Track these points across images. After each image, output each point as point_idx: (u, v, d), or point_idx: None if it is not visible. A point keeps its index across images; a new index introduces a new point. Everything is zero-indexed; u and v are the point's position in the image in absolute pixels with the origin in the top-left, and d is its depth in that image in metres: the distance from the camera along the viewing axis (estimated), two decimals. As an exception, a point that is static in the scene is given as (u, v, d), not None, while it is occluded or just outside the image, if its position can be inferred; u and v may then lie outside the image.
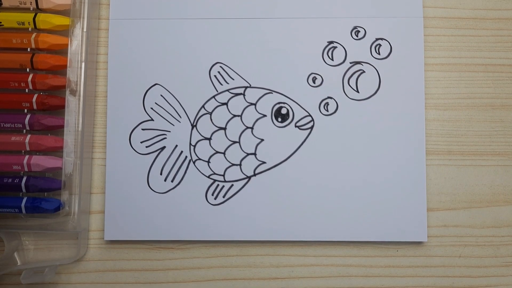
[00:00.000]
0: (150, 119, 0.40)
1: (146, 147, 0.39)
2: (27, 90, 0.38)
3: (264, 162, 0.39)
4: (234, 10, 0.40)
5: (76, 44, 0.38)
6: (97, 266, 0.38)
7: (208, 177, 0.39)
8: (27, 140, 0.37)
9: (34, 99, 0.37)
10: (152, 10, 0.40)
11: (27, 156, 0.38)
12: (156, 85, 0.40)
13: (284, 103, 0.40)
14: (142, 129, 0.40)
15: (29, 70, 0.38)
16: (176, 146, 0.40)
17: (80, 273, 0.40)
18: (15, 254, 0.39)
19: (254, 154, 0.39)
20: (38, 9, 0.38)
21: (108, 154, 0.39)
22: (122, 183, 0.39)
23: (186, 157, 0.39)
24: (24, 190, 0.37)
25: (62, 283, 0.39)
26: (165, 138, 0.40)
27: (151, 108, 0.40)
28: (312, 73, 0.40)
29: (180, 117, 0.40)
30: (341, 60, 0.40)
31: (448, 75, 0.40)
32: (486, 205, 0.40)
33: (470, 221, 0.39)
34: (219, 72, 0.40)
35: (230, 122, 0.40)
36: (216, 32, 0.40)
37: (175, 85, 0.40)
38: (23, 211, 0.37)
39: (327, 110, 0.40)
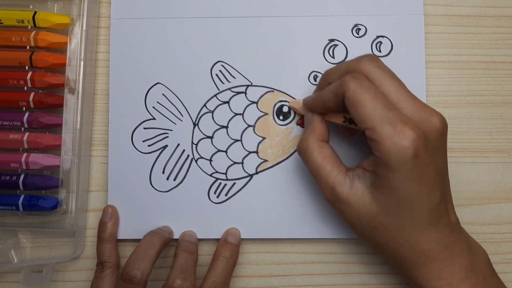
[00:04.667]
0: (152, 118, 0.37)
1: (148, 146, 0.37)
2: (25, 88, 0.36)
3: (266, 160, 0.36)
4: (235, 8, 0.37)
5: (75, 43, 0.36)
6: (95, 264, 0.35)
7: (210, 175, 0.36)
8: (25, 138, 0.35)
9: (31, 98, 0.35)
10: (154, 9, 0.37)
11: (25, 154, 0.35)
12: (158, 84, 0.37)
13: (285, 101, 0.37)
14: (144, 128, 0.37)
15: (28, 68, 0.36)
16: (178, 144, 0.37)
17: (78, 271, 0.37)
18: (12, 252, 0.37)
19: (256, 152, 0.36)
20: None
21: (110, 153, 0.36)
22: (124, 182, 0.36)
23: (188, 155, 0.36)
24: (21, 188, 0.35)
25: (59, 280, 0.37)
26: (167, 137, 0.37)
27: (153, 107, 0.37)
28: (313, 71, 0.37)
29: (182, 115, 0.37)
30: (342, 58, 0.37)
31: (448, 73, 0.37)
32: (487, 202, 0.37)
33: (470, 218, 0.37)
34: (220, 70, 0.37)
35: (232, 120, 0.37)
36: (217, 31, 0.37)
37: (176, 84, 0.37)
38: (21, 208, 0.35)
39: (329, 108, 0.36)
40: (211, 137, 0.36)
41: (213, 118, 0.36)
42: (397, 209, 0.28)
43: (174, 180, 0.36)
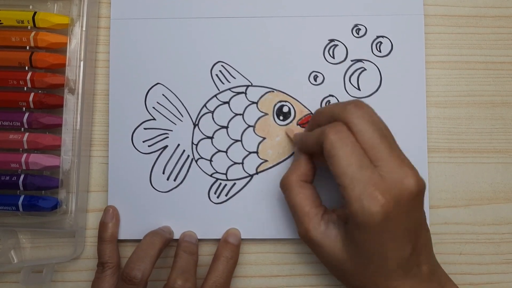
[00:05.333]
0: (152, 118, 0.36)
1: (148, 146, 0.36)
2: (25, 88, 0.35)
3: (266, 161, 0.36)
4: (235, 9, 0.37)
5: (75, 43, 0.35)
6: (95, 264, 0.35)
7: (211, 175, 0.36)
8: (25, 138, 0.35)
9: (31, 98, 0.35)
10: (154, 10, 0.37)
11: (25, 154, 0.35)
12: (158, 85, 0.36)
13: (285, 101, 0.36)
14: (144, 129, 0.36)
15: (28, 68, 0.35)
16: (178, 145, 0.36)
17: (78, 271, 0.37)
18: (12, 252, 0.36)
19: (256, 152, 0.36)
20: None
21: (110, 153, 0.36)
22: (124, 182, 0.36)
23: (188, 156, 0.36)
24: (21, 188, 0.35)
25: (59, 281, 0.37)
26: (167, 137, 0.36)
27: (153, 108, 0.36)
28: (313, 71, 0.36)
29: (182, 116, 0.36)
30: (342, 58, 0.36)
31: (448, 73, 0.37)
32: (487, 203, 0.36)
33: (470, 219, 0.36)
34: (220, 71, 0.36)
35: (232, 120, 0.36)
36: (217, 31, 0.37)
37: (177, 84, 0.36)
38: (20, 209, 0.34)
39: (329, 108, 0.35)
40: (211, 137, 0.36)
41: (213, 118, 0.36)
42: (366, 260, 0.28)
43: (174, 180, 0.36)
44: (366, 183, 0.27)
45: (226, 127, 0.36)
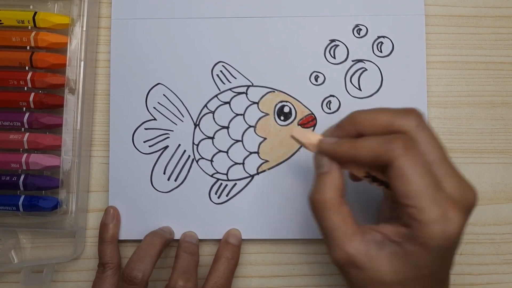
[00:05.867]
0: (153, 118, 0.36)
1: (149, 146, 0.36)
2: (26, 88, 0.35)
3: (267, 161, 0.36)
4: (236, 9, 0.37)
5: (75, 43, 0.35)
6: (96, 264, 0.35)
7: (211, 176, 0.36)
8: (25, 138, 0.35)
9: (31, 98, 0.34)
10: (154, 10, 0.37)
11: (25, 154, 0.35)
12: (159, 85, 0.36)
13: (286, 101, 0.36)
14: (145, 129, 0.36)
15: (28, 68, 0.35)
16: (179, 145, 0.36)
17: (78, 271, 0.36)
18: (12, 252, 0.36)
19: (257, 152, 0.36)
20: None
21: (111, 154, 0.36)
22: (125, 182, 0.36)
23: (189, 156, 0.36)
24: (22, 188, 0.34)
25: (59, 281, 0.36)
26: (168, 137, 0.36)
27: (154, 108, 0.36)
28: (314, 72, 0.36)
29: (183, 116, 0.36)
30: (343, 58, 0.36)
31: (449, 73, 0.37)
32: (487, 203, 0.36)
33: (471, 219, 0.35)
34: (221, 71, 0.36)
35: (232, 121, 0.36)
36: (218, 31, 0.36)
37: (177, 85, 0.36)
38: (21, 209, 0.34)
39: (330, 108, 0.36)
40: (212, 138, 0.36)
41: (214, 118, 0.36)
42: (416, 281, 0.26)
43: (175, 180, 0.35)
44: (444, 205, 0.25)
45: (227, 127, 0.36)
